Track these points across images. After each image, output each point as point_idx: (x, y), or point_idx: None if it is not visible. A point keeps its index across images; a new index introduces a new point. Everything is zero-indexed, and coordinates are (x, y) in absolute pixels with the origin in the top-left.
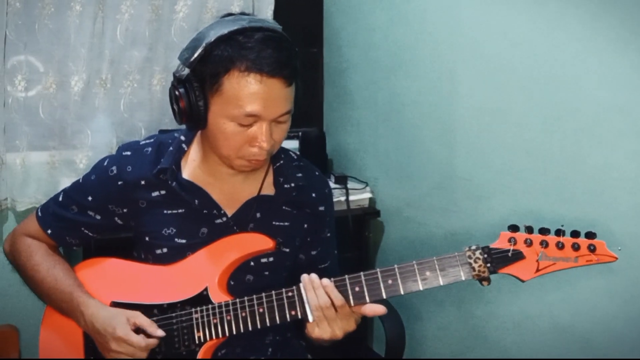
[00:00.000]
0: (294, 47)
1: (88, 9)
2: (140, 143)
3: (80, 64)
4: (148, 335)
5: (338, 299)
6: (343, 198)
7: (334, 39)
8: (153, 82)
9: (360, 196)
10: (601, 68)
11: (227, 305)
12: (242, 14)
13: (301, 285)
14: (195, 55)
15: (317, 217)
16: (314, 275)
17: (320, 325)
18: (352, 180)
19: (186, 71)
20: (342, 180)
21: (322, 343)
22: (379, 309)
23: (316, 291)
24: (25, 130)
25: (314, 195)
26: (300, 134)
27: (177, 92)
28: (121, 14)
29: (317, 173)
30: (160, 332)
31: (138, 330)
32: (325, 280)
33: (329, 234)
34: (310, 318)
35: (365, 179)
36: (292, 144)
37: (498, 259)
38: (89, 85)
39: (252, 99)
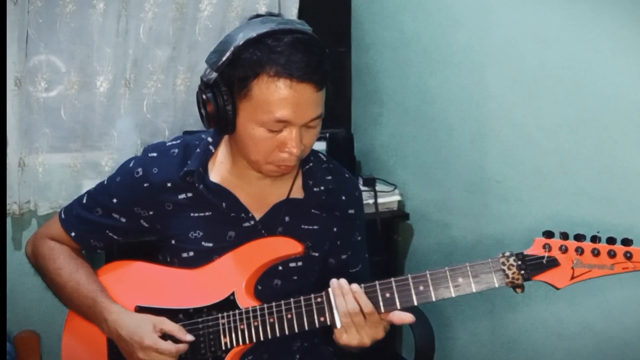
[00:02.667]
0: (325, 50)
1: (111, 7)
2: (167, 144)
3: (105, 64)
4: (176, 341)
5: (367, 306)
6: (371, 201)
7: (362, 39)
8: (177, 82)
9: (389, 199)
10: (636, 69)
11: (254, 310)
12: (270, 14)
13: (330, 290)
14: (224, 59)
15: (347, 220)
16: (343, 281)
17: (348, 332)
18: (380, 182)
19: (214, 75)
20: (370, 183)
21: (349, 350)
22: (407, 318)
23: (345, 297)
24: (46, 132)
25: (343, 198)
26: (327, 135)
27: (204, 96)
28: (145, 13)
29: (347, 175)
30: (189, 337)
31: (165, 336)
32: (355, 286)
33: (359, 238)
34: (338, 324)
35: (394, 181)
36: (320, 146)
37: (532, 266)
38: (114, 85)
39: (281, 105)
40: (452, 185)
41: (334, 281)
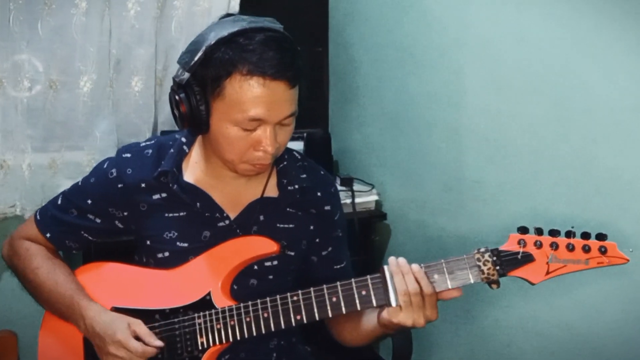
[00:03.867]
0: (297, 47)
1: (95, 6)
2: (141, 145)
3: (88, 63)
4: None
5: (428, 287)
6: (349, 200)
7: (340, 38)
8: (156, 82)
9: (366, 198)
10: (613, 68)
11: (230, 310)
12: (242, 14)
13: (386, 267)
14: (196, 58)
15: (323, 217)
16: (402, 260)
17: (405, 311)
18: (358, 182)
19: (186, 75)
20: (348, 182)
21: (390, 330)
22: (455, 293)
23: (405, 276)
24: (28, 132)
25: (319, 194)
26: (305, 134)
27: (177, 97)
28: (127, 11)
29: (322, 172)
30: (158, 343)
31: (137, 338)
32: (416, 266)
33: (340, 234)
34: (393, 302)
35: (372, 181)
36: (297, 145)
37: (507, 262)
38: (98, 85)
39: (255, 103)
40: (429, 184)
41: (392, 259)
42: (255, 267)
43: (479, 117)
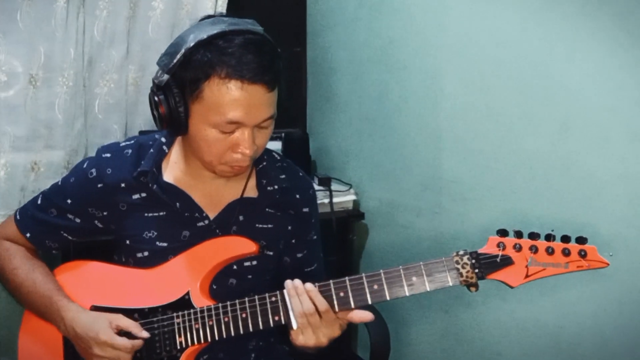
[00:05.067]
0: (277, 50)
1: (72, 4)
2: (120, 145)
3: (67, 61)
4: (131, 337)
5: (322, 304)
6: (327, 200)
7: (318, 39)
8: (129, 82)
9: (344, 198)
10: (590, 68)
11: (209, 310)
12: (222, 15)
13: (284, 291)
14: (175, 60)
15: (301, 219)
16: (297, 281)
17: (304, 333)
18: (335, 182)
19: (165, 77)
20: (325, 182)
21: (306, 350)
22: (366, 316)
23: (300, 297)
24: (7, 130)
25: (298, 196)
26: (283, 134)
27: (156, 98)
28: (100, 10)
29: (300, 174)
30: (145, 333)
31: (120, 333)
32: (309, 285)
33: (315, 237)
34: (294, 325)
35: (350, 180)
36: (275, 145)
37: (486, 265)
38: (76, 84)
39: (233, 106)
40: (407, 184)
41: (288, 282)
42: (235, 266)
43: (456, 117)
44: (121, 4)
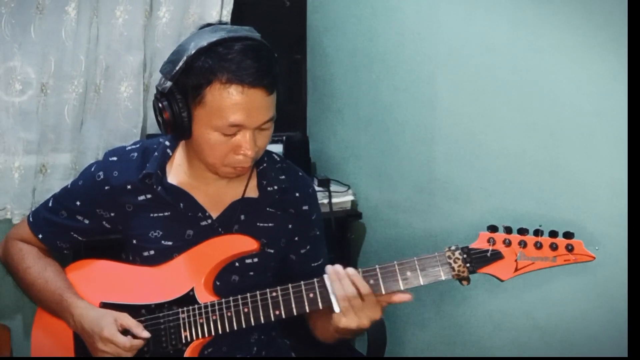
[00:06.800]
0: (274, 55)
1: (83, 13)
2: (126, 149)
3: (78, 68)
4: (134, 337)
5: (364, 287)
6: (326, 201)
7: (317, 46)
8: (144, 88)
9: (342, 199)
10: (579, 73)
11: (212, 305)
12: (220, 23)
13: (325, 276)
14: (177, 68)
15: (301, 217)
16: (338, 266)
17: (347, 315)
18: (334, 183)
19: (169, 84)
20: (325, 183)
21: (347, 335)
22: (406, 297)
23: (342, 281)
24: (21, 136)
25: (297, 195)
26: (284, 137)
27: (160, 105)
28: (115, 19)
29: (300, 174)
30: (145, 334)
31: (125, 331)
32: (351, 270)
33: (317, 233)
34: (336, 309)
35: (348, 182)
36: (277, 148)
37: (477, 259)
38: (86, 90)
39: (234, 110)
40: (403, 185)
41: (329, 267)
42: (237, 264)
43: (449, 120)
44: (137, 13)
